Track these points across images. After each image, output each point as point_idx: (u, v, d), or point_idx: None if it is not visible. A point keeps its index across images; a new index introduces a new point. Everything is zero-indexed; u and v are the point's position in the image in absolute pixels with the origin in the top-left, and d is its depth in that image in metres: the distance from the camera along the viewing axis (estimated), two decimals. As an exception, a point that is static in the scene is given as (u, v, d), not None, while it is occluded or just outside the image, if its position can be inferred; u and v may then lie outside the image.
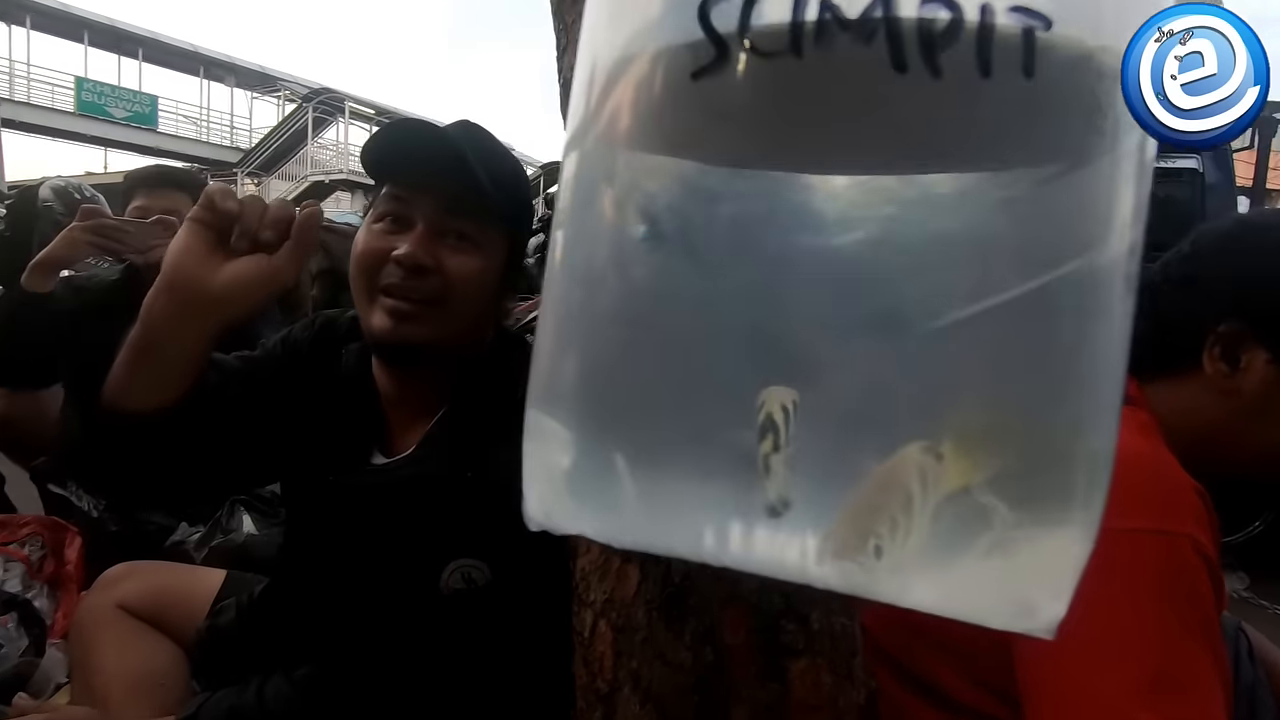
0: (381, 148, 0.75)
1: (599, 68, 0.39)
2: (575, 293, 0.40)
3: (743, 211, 0.34)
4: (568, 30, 0.81)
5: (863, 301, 0.33)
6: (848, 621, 0.61)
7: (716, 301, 0.35)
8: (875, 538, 0.31)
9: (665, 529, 0.36)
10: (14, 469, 1.62)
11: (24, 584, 1.33)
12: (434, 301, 0.72)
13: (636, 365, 0.37)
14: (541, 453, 0.41)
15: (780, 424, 0.32)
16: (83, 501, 1.46)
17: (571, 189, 0.41)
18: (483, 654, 0.72)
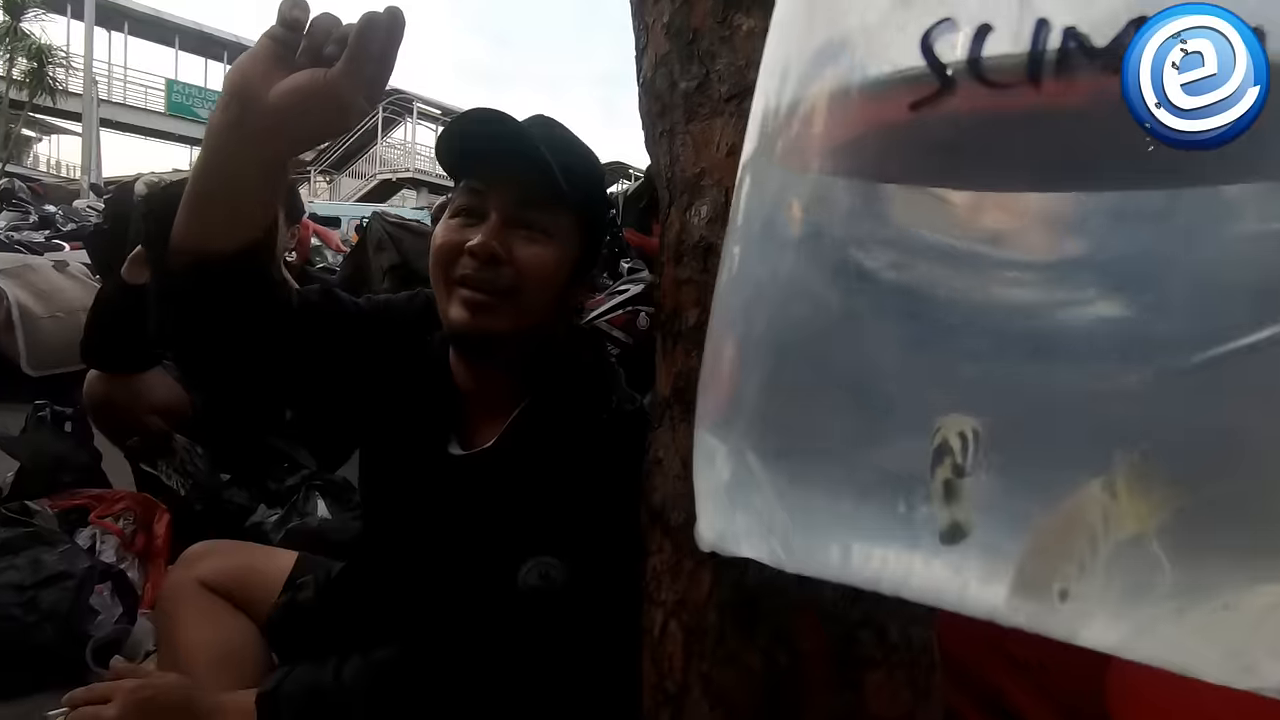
0: (456, 141, 0.75)
1: (788, 92, 0.39)
2: (754, 317, 0.40)
3: (952, 239, 0.33)
4: (648, 30, 0.82)
5: (1075, 335, 0.31)
6: (926, 634, 0.59)
7: (910, 329, 0.34)
8: (1061, 580, 0.30)
9: (835, 555, 0.35)
10: (110, 448, 1.73)
11: (118, 555, 1.42)
12: (507, 292, 0.72)
13: (819, 391, 0.36)
14: (713, 475, 0.41)
15: (958, 450, 0.31)
16: (171, 481, 1.54)
17: (748, 210, 0.41)
18: (556, 653, 0.72)
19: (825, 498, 0.35)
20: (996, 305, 0.32)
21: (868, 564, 0.34)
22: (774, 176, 0.39)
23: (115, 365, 1.61)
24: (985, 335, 0.32)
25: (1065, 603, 0.30)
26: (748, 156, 0.42)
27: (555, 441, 0.74)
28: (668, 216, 0.75)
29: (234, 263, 0.64)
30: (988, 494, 0.31)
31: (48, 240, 4.36)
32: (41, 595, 1.19)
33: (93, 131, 15.08)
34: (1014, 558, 0.31)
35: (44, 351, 3.01)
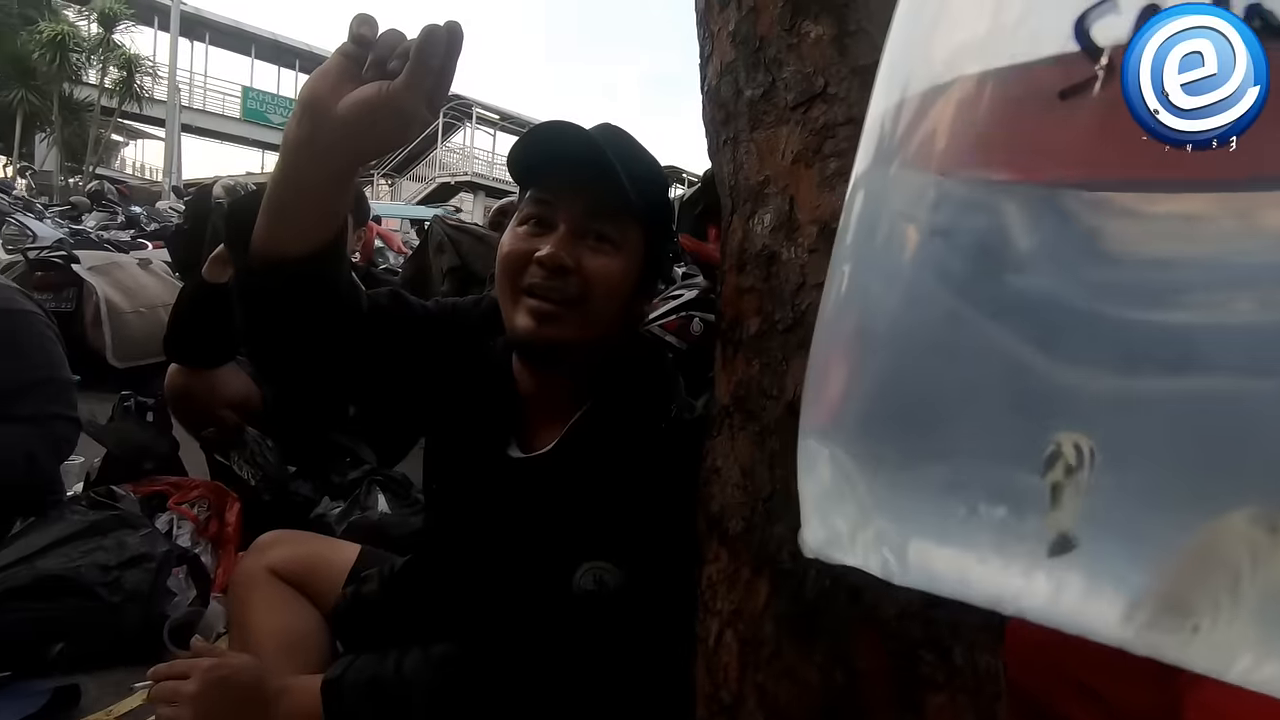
0: (527, 152, 0.76)
1: (913, 89, 0.38)
2: (865, 323, 0.39)
3: (1102, 238, 0.32)
4: (713, 38, 0.82)
5: (1230, 350, 0.29)
6: (993, 660, 0.57)
7: (1038, 338, 0.33)
8: (1195, 617, 0.28)
9: (950, 570, 0.35)
10: (187, 438, 1.82)
11: (193, 541, 1.49)
12: (574, 302, 0.73)
13: (937, 402, 0.35)
14: (819, 483, 0.41)
15: (1075, 465, 0.30)
16: (242, 471, 1.62)
17: (864, 220, 0.40)
18: (608, 657, 0.73)
19: (942, 511, 0.34)
20: (1142, 315, 0.31)
21: (985, 582, 0.33)
22: (895, 185, 0.38)
23: (194, 359, 1.70)
24: (1123, 347, 0.31)
25: (1198, 635, 0.28)
26: (862, 169, 0.41)
27: (613, 447, 0.75)
28: (730, 224, 0.75)
29: (307, 265, 0.67)
30: (1110, 512, 0.30)
31: (133, 239, 4.63)
32: (125, 576, 1.26)
33: (174, 136, 15.95)
34: (1140, 583, 0.29)
35: (128, 344, 3.20)
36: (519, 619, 0.75)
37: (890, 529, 0.36)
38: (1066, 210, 0.33)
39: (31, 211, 4.77)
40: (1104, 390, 0.31)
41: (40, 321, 1.37)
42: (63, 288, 3.30)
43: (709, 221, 2.23)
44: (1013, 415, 0.33)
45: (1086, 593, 0.30)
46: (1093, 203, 0.32)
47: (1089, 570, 0.30)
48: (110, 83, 16.13)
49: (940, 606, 0.56)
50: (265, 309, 0.70)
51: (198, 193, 3.71)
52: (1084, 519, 0.30)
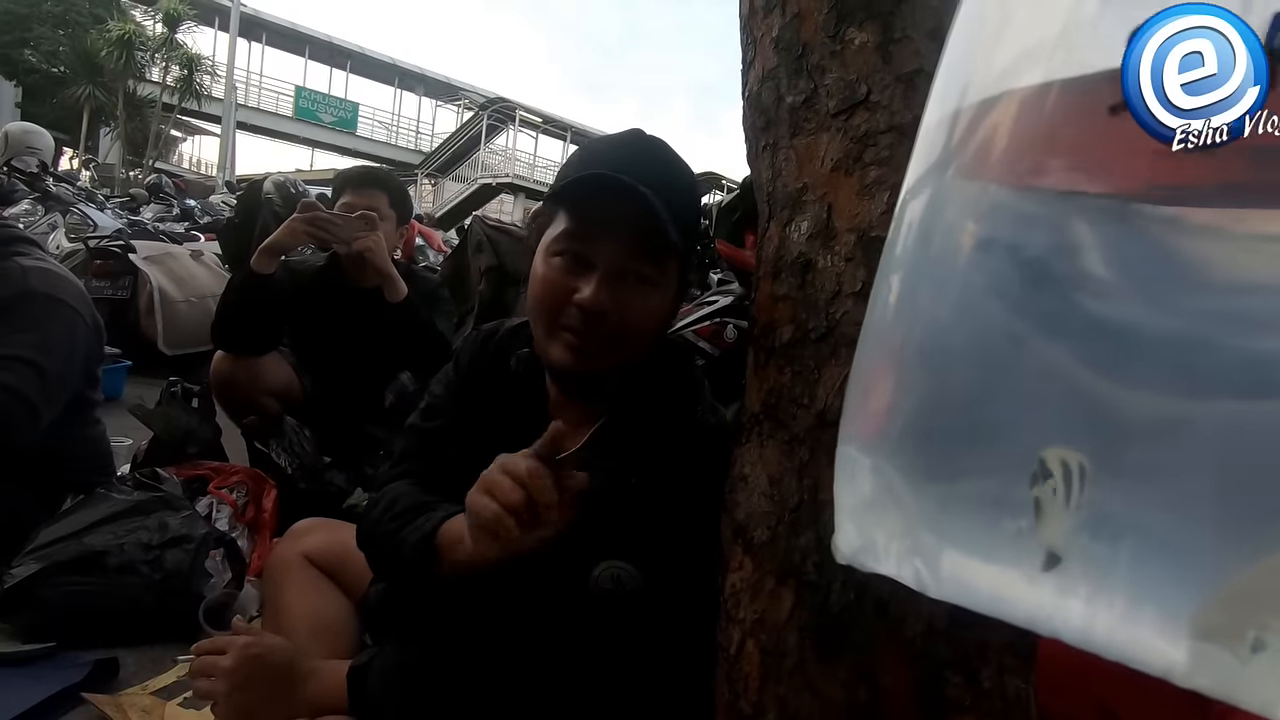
0: (577, 192, 0.75)
1: (970, 104, 0.38)
2: (915, 333, 0.39)
3: (1154, 259, 0.31)
4: (755, 44, 0.81)
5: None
6: (1024, 685, 0.55)
7: (1089, 354, 0.32)
8: (1243, 650, 0.27)
9: (985, 587, 0.34)
10: (229, 425, 1.88)
11: (230, 525, 1.54)
12: (613, 338, 0.74)
13: (982, 418, 0.35)
14: (856, 491, 0.41)
15: (1060, 476, 0.30)
16: (280, 459, 1.66)
17: (921, 224, 0.40)
18: (627, 656, 0.73)
19: (984, 527, 0.33)
20: (1195, 334, 0.30)
21: (1020, 599, 0.32)
22: (947, 196, 0.38)
23: (240, 348, 1.75)
24: (1187, 371, 0.30)
25: (1246, 669, 0.27)
26: (914, 180, 0.40)
27: (637, 449, 0.75)
28: (766, 231, 0.75)
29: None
30: (1156, 537, 0.29)
31: (186, 231, 4.79)
32: (166, 555, 1.30)
33: (229, 133, 16.49)
34: (1186, 611, 0.28)
35: (178, 332, 3.31)
36: (539, 616, 0.75)
37: (929, 541, 0.35)
38: (1131, 225, 0.32)
39: (93, 202, 4.97)
40: (1157, 411, 0.30)
41: (71, 315, 1.38)
42: (119, 276, 3.43)
43: (746, 228, 2.22)
44: (1056, 433, 0.32)
45: (1125, 618, 0.29)
46: (1160, 219, 0.31)
47: (1129, 594, 0.29)
48: (172, 80, 16.76)
49: (968, 626, 0.55)
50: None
51: (248, 188, 3.83)
52: (1126, 541, 0.29)
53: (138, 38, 15.62)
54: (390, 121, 25.58)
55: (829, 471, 0.61)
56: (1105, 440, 0.31)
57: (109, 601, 1.24)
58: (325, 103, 23.41)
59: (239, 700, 0.76)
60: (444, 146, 21.77)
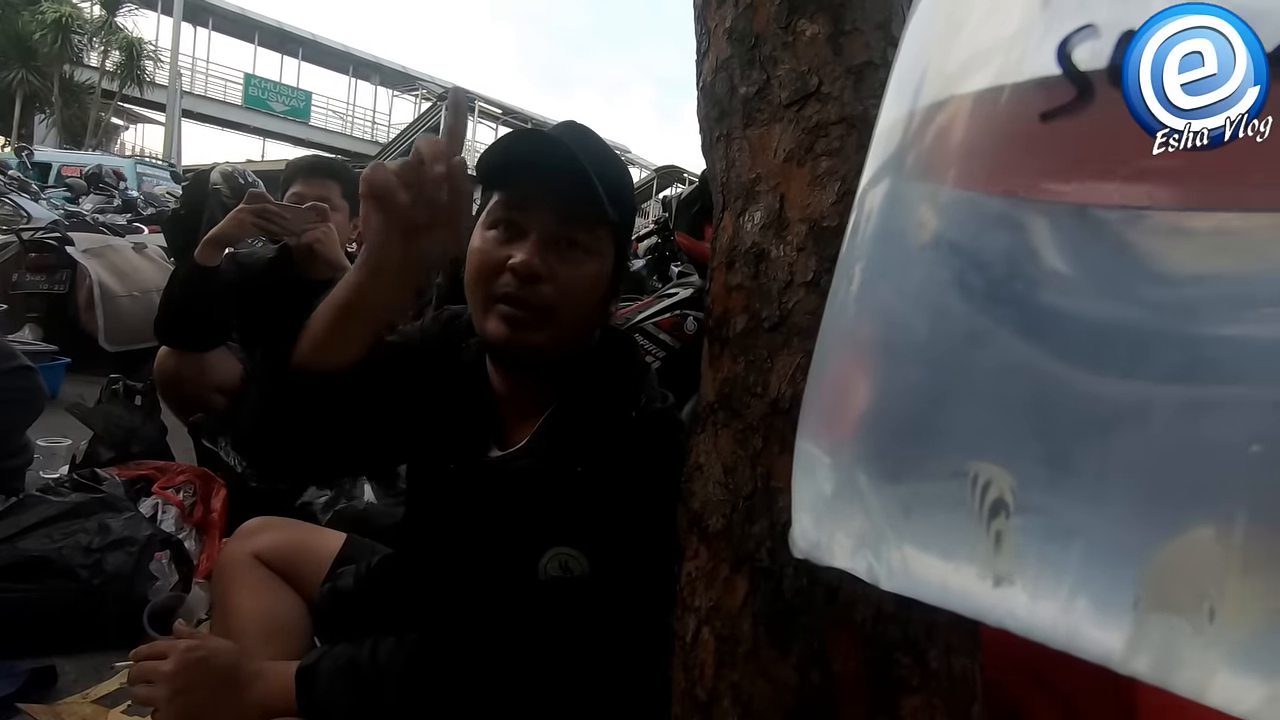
0: (500, 157, 0.76)
1: (922, 104, 0.38)
2: (869, 330, 0.39)
3: (1089, 257, 0.32)
4: (710, 35, 0.81)
5: (1208, 360, 0.29)
6: (969, 663, 0.57)
7: (1030, 352, 0.33)
8: (1208, 598, 0.27)
9: (935, 580, 0.35)
10: (175, 421, 1.81)
11: (177, 526, 1.49)
12: (547, 309, 0.74)
13: (939, 415, 0.35)
14: (811, 484, 0.41)
15: (1001, 481, 0.30)
16: (230, 458, 1.61)
17: (876, 222, 0.40)
18: (577, 644, 0.73)
19: (936, 527, 0.34)
20: (1137, 328, 0.31)
21: (969, 596, 0.33)
22: (903, 191, 0.39)
23: (185, 343, 1.69)
24: (1113, 361, 0.31)
25: (1213, 626, 0.28)
26: (872, 172, 0.41)
27: (582, 439, 0.75)
28: (720, 221, 0.75)
29: (350, 374, 0.71)
30: (1085, 530, 0.30)
31: (129, 223, 4.60)
32: (107, 558, 1.25)
33: (175, 121, 15.89)
34: (1118, 601, 0.29)
35: (121, 328, 3.18)
36: (489, 607, 0.75)
37: (885, 538, 0.36)
38: (1068, 226, 0.33)
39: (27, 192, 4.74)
40: (1091, 403, 0.31)
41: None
42: (56, 269, 3.29)
43: (705, 220, 2.23)
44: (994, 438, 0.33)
45: (1066, 609, 0.30)
46: (1111, 220, 0.32)
47: (1070, 587, 0.30)
48: (111, 66, 16.07)
49: (916, 608, 0.56)
50: (299, 416, 0.73)
51: (194, 178, 3.69)
52: (1064, 539, 0.30)
53: (74, 20, 14.92)
54: (345, 111, 24.96)
55: (781, 459, 0.62)
56: (1044, 441, 0.32)
57: (45, 608, 1.19)
58: (276, 91, 22.70)
59: (181, 705, 0.73)
60: (401, 138, 21.23)
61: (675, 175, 8.91)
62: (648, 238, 3.36)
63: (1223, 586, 0.27)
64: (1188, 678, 0.28)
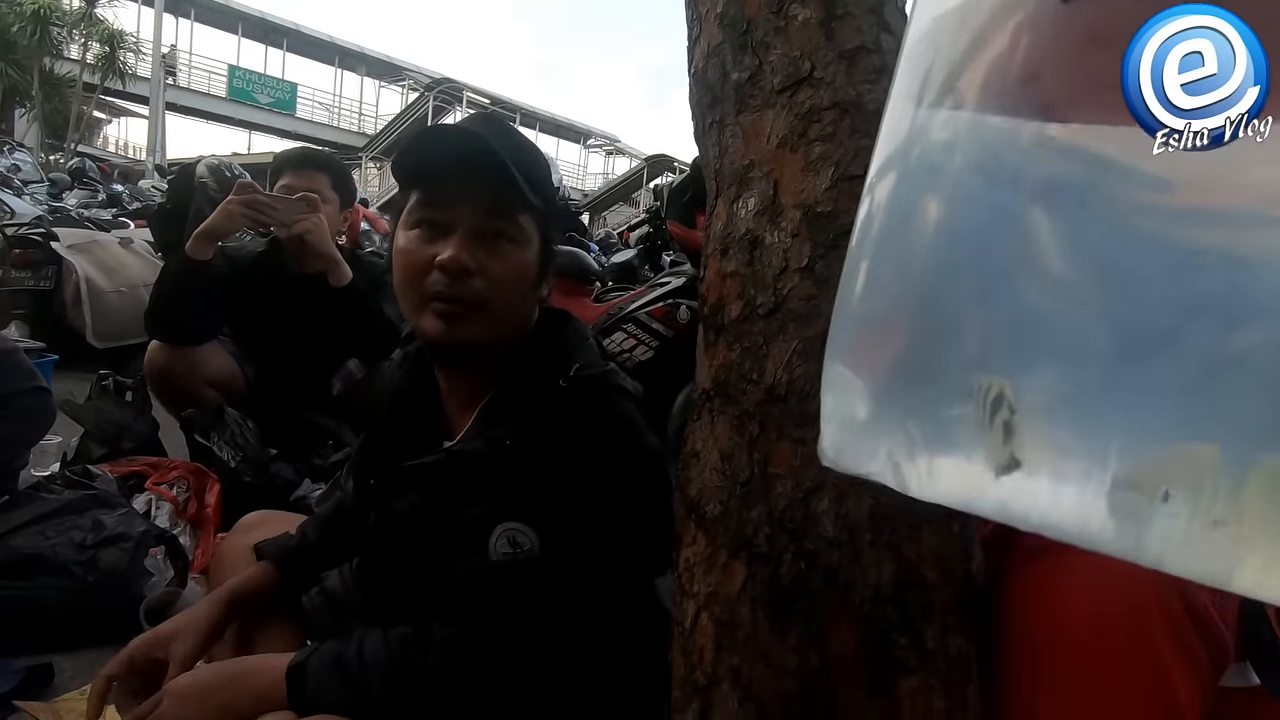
0: (416, 155, 0.77)
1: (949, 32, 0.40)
2: (896, 256, 0.42)
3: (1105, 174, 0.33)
4: (701, 20, 0.81)
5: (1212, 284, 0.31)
6: (965, 644, 0.58)
7: (1043, 270, 0.35)
8: (1167, 485, 0.30)
9: (943, 481, 0.38)
10: (166, 417, 1.80)
11: (171, 521, 1.48)
12: (480, 302, 0.74)
13: (959, 329, 0.38)
14: (839, 401, 0.45)
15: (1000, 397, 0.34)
16: (223, 453, 1.60)
17: (902, 144, 0.42)
18: (538, 622, 0.73)
19: (952, 436, 0.37)
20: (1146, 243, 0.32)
21: (986, 496, 0.36)
22: (928, 117, 0.40)
23: (176, 337, 1.67)
24: (1118, 283, 0.32)
25: (1168, 506, 0.31)
26: (896, 99, 0.43)
27: (518, 417, 0.75)
28: (714, 208, 0.75)
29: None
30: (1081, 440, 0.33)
31: (115, 218, 4.56)
32: (101, 555, 1.25)
33: (158, 114, 15.68)
34: (1109, 485, 0.32)
35: (109, 324, 3.15)
36: (451, 595, 0.74)
37: (908, 445, 0.39)
38: (1097, 143, 0.34)
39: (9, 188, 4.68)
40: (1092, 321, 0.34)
41: None
42: (41, 266, 3.25)
43: (697, 209, 2.22)
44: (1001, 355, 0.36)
45: (1059, 502, 0.34)
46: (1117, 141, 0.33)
47: (1067, 483, 0.33)
48: (92, 58, 15.81)
49: (913, 589, 0.57)
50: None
51: (180, 171, 3.65)
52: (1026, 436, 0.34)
53: (53, 12, 14.66)
54: (331, 103, 24.67)
55: (778, 445, 0.62)
56: (1050, 356, 0.35)
57: (41, 605, 1.19)
58: (261, 83, 22.42)
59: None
60: (389, 129, 21.11)
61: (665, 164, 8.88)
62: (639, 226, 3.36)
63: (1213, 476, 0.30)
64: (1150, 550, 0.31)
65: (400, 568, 0.84)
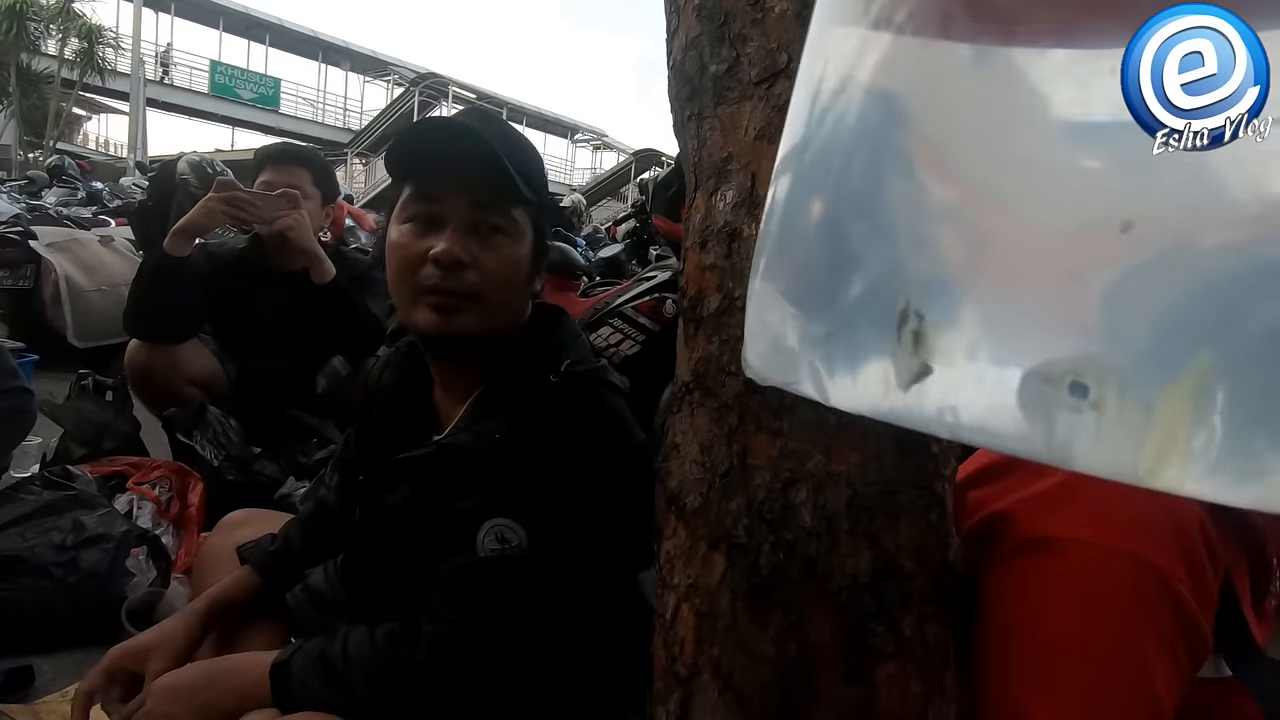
0: (409, 149, 0.77)
1: None
2: (812, 180, 0.44)
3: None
4: (679, 12, 0.81)
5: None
6: (942, 631, 0.58)
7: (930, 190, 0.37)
8: (1075, 375, 0.32)
9: (853, 391, 0.40)
10: (148, 417, 1.78)
11: (154, 521, 1.47)
12: (473, 295, 0.74)
13: (862, 249, 0.40)
14: (764, 318, 0.46)
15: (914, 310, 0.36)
16: (206, 451, 1.59)
17: (811, 70, 0.44)
18: (527, 616, 0.73)
19: (868, 349, 0.40)
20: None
21: (898, 407, 0.37)
22: (843, 37, 0.42)
23: (156, 335, 1.66)
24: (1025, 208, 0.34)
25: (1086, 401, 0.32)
26: (815, 33, 0.45)
27: (508, 411, 0.76)
28: (693, 201, 0.75)
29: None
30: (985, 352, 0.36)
31: (95, 216, 4.50)
32: (82, 555, 1.23)
33: (139, 111, 15.46)
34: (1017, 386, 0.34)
35: (90, 323, 3.11)
36: (439, 594, 0.74)
37: (827, 357, 0.41)
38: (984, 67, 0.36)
39: (-14, 186, 4.60)
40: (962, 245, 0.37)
41: None
42: (20, 264, 3.20)
43: (682, 202, 2.22)
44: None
45: (971, 409, 0.35)
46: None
47: (978, 392, 0.35)
48: (70, 54, 15.59)
49: (890, 578, 0.57)
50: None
51: (161, 168, 3.61)
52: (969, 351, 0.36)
53: (29, 6, 14.43)
54: (315, 98, 24.45)
55: (757, 437, 0.63)
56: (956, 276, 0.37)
57: (20, 607, 1.17)
58: (244, 78, 22.16)
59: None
60: (375, 124, 20.93)
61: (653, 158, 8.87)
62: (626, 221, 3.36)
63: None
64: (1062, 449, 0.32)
65: (387, 563, 0.84)
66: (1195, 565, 0.56)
